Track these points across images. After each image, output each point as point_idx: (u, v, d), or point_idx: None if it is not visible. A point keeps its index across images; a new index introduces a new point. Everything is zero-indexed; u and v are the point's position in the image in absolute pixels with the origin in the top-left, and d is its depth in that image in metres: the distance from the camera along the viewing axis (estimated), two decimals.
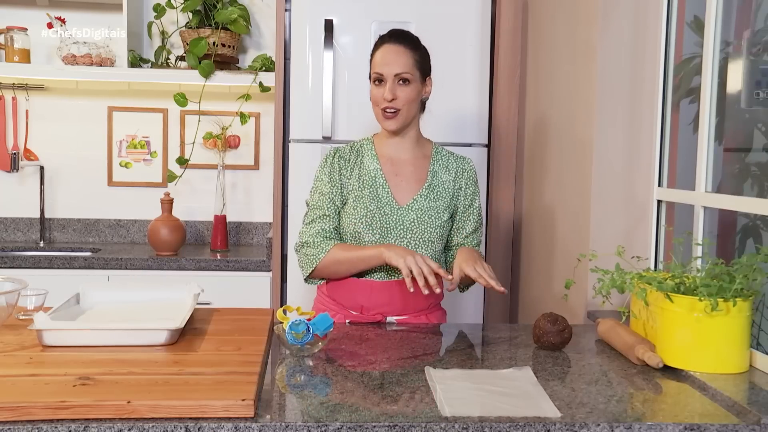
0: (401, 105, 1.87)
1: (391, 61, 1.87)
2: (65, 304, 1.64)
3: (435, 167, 1.98)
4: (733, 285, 1.42)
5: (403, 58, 1.87)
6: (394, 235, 1.90)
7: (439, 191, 1.96)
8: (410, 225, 1.91)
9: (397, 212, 1.91)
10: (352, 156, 1.98)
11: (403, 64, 1.86)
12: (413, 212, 1.91)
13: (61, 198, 3.38)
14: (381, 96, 1.87)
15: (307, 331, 1.50)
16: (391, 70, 1.86)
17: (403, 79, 1.87)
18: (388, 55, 1.88)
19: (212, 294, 2.66)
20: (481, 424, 1.17)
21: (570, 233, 2.29)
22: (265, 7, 3.35)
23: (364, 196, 1.92)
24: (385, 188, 1.93)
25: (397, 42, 1.89)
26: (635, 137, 2.06)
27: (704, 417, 1.24)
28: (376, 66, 1.89)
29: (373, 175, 1.94)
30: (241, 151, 3.42)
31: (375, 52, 1.92)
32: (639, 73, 2.05)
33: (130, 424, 1.12)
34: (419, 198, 1.93)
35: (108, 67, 3.14)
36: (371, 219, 1.90)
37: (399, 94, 1.87)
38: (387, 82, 1.86)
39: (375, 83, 1.90)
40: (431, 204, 1.93)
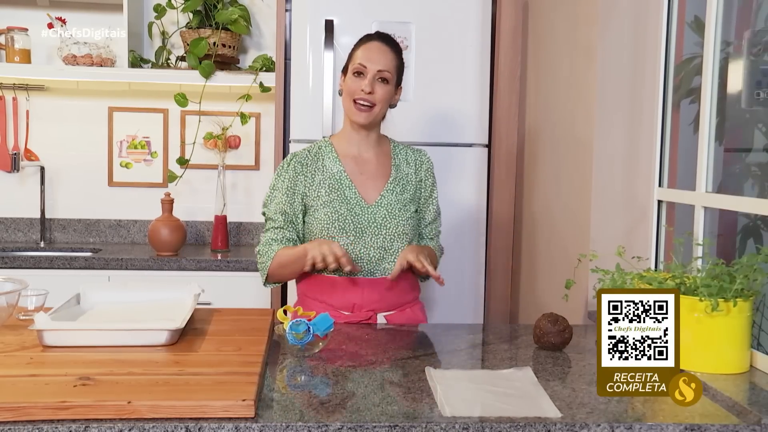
0: (377, 101, 1.92)
1: (375, 58, 1.91)
2: (66, 305, 1.64)
3: (397, 161, 2.03)
4: (734, 285, 1.42)
5: (387, 57, 1.93)
6: (368, 233, 1.92)
7: (403, 184, 2.00)
8: (382, 221, 1.93)
9: (367, 211, 1.93)
10: (311, 160, 1.99)
11: (386, 62, 1.92)
12: (383, 208, 1.94)
13: (61, 198, 3.38)
14: (358, 87, 1.91)
15: (307, 331, 1.50)
16: (374, 66, 1.91)
17: (383, 78, 1.91)
18: (373, 52, 1.92)
19: (212, 294, 2.66)
20: (481, 424, 1.17)
21: (570, 233, 2.29)
22: (265, 8, 3.35)
23: (332, 200, 1.93)
24: (352, 188, 1.95)
25: (383, 42, 1.95)
26: (635, 137, 2.06)
27: (705, 417, 1.24)
28: (358, 59, 1.93)
29: (338, 177, 1.96)
30: (241, 151, 3.42)
31: (358, 47, 1.96)
32: (639, 73, 2.05)
33: (130, 425, 1.12)
34: (386, 193, 1.96)
35: (108, 68, 3.14)
36: (343, 221, 1.91)
37: (377, 90, 1.91)
38: (367, 76, 1.90)
39: (354, 74, 1.92)
40: (398, 197, 1.97)
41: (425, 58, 2.79)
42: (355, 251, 1.92)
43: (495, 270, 2.93)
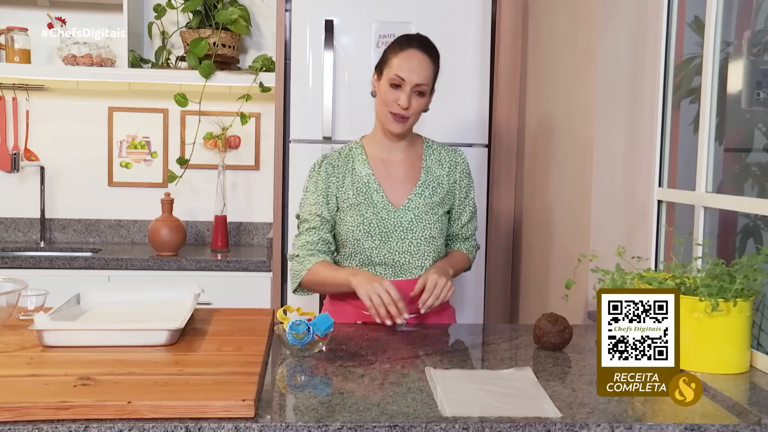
0: (411, 114, 1.87)
1: (415, 70, 1.83)
2: (66, 305, 1.64)
3: (428, 163, 1.98)
4: (734, 285, 1.42)
5: (426, 69, 1.85)
6: (394, 237, 1.90)
7: (433, 187, 1.95)
8: (409, 225, 1.91)
9: (394, 215, 1.91)
10: (342, 162, 1.96)
11: (425, 75, 1.84)
12: (410, 212, 1.91)
13: (61, 198, 3.38)
14: (395, 100, 1.84)
15: (307, 331, 1.50)
16: (413, 79, 1.83)
17: (420, 91, 1.85)
18: (413, 62, 1.83)
19: (212, 294, 2.66)
20: (481, 424, 1.17)
21: (570, 233, 2.29)
22: (265, 8, 3.35)
23: (359, 204, 1.91)
24: (380, 192, 1.92)
25: (424, 51, 1.86)
26: (635, 137, 2.06)
27: (705, 417, 1.24)
28: (397, 68, 1.84)
29: (366, 180, 1.93)
30: (241, 151, 3.42)
31: (397, 52, 1.86)
32: (639, 73, 2.05)
33: (130, 425, 1.12)
34: (414, 197, 1.93)
35: (108, 68, 3.14)
36: (369, 226, 1.89)
37: (413, 104, 1.85)
38: (405, 88, 1.83)
39: (391, 86, 1.85)
40: (426, 201, 1.93)
41: None
42: (381, 255, 1.90)
43: (495, 270, 2.93)
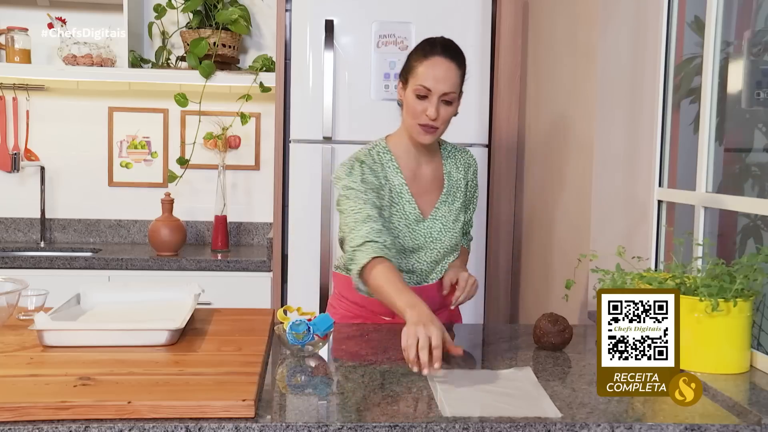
0: (441, 124, 1.78)
1: (441, 78, 1.73)
2: (66, 305, 1.64)
3: (448, 168, 1.93)
4: (734, 285, 1.42)
5: (452, 76, 1.75)
6: (423, 249, 1.86)
7: (454, 192, 1.92)
8: (437, 235, 1.87)
9: (423, 225, 1.86)
10: (377, 167, 1.84)
11: (452, 83, 1.75)
12: (438, 222, 1.87)
13: (61, 198, 3.38)
14: (422, 111, 1.75)
15: (307, 331, 1.50)
16: (440, 88, 1.73)
17: (448, 100, 1.76)
18: (438, 70, 1.74)
19: (213, 294, 2.66)
20: (481, 424, 1.17)
21: (570, 233, 2.29)
22: (265, 8, 3.35)
23: (391, 215, 1.83)
24: (412, 203, 1.85)
25: (450, 57, 1.76)
26: (635, 137, 2.06)
27: (705, 417, 1.24)
28: (422, 78, 1.74)
29: (399, 190, 1.85)
30: (241, 151, 3.42)
31: (422, 59, 1.76)
32: (639, 73, 2.05)
33: (130, 425, 1.12)
34: (440, 206, 1.89)
35: (108, 68, 3.14)
36: (402, 239, 1.83)
37: (441, 113, 1.76)
38: (432, 98, 1.74)
39: (417, 96, 1.75)
40: (450, 208, 1.90)
41: None
42: (408, 264, 1.86)
43: (495, 270, 2.93)
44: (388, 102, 2.77)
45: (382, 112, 2.77)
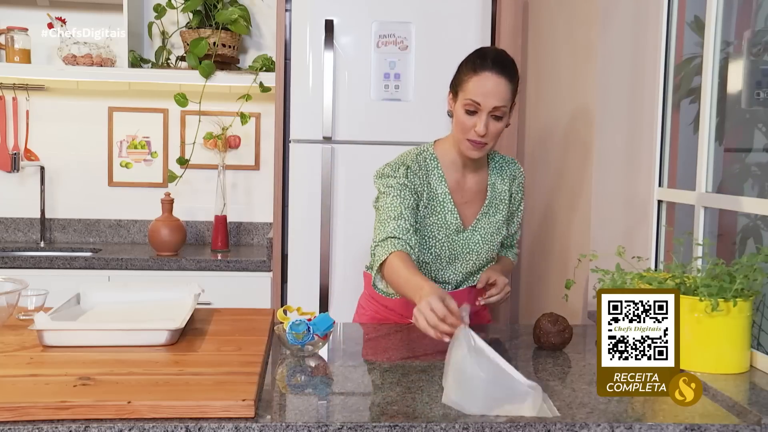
0: (490, 139, 1.74)
1: (491, 93, 1.69)
2: (66, 305, 1.64)
3: (492, 179, 1.88)
4: (734, 285, 1.42)
5: (502, 91, 1.71)
6: (461, 259, 1.85)
7: (497, 204, 1.87)
8: (475, 247, 1.85)
9: (462, 236, 1.84)
10: (421, 172, 1.82)
11: (502, 97, 1.70)
12: (477, 233, 1.85)
13: (61, 198, 3.38)
14: (471, 126, 1.72)
15: (307, 331, 1.50)
16: (490, 103, 1.69)
17: (497, 115, 1.72)
18: (488, 85, 1.69)
19: (212, 294, 2.66)
20: (481, 424, 1.17)
21: (570, 233, 2.29)
22: (265, 8, 3.35)
23: (432, 223, 1.81)
24: (454, 213, 1.82)
25: (500, 72, 1.71)
26: (635, 137, 2.06)
27: (705, 417, 1.24)
28: (471, 93, 1.70)
29: (441, 198, 1.82)
30: (241, 151, 3.42)
31: (472, 73, 1.72)
32: (639, 73, 2.05)
33: (130, 425, 1.12)
34: (481, 217, 1.85)
35: (108, 68, 3.14)
36: (440, 248, 1.82)
37: (490, 128, 1.72)
38: (482, 114, 1.70)
39: (466, 111, 1.72)
40: (491, 220, 1.86)
41: (425, 58, 2.79)
42: (445, 276, 1.86)
43: None
44: (388, 102, 2.77)
45: (382, 112, 2.77)
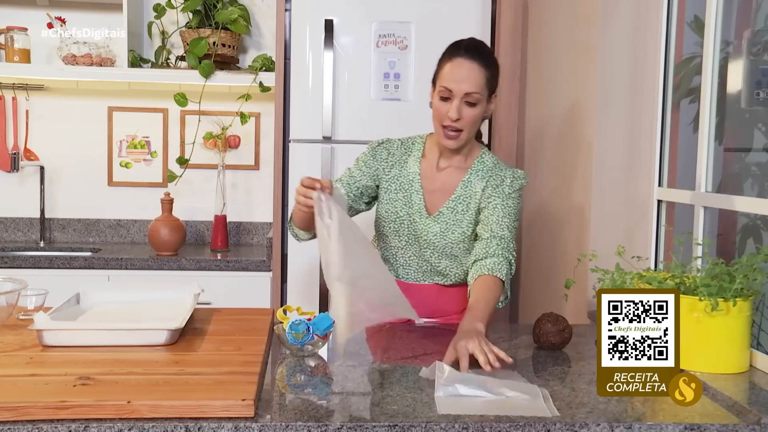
0: (464, 126, 1.76)
1: (462, 79, 1.73)
2: (65, 304, 1.64)
3: (470, 177, 1.86)
4: (734, 285, 1.42)
5: (475, 76, 1.73)
6: (420, 243, 1.87)
7: (468, 202, 1.85)
8: (433, 237, 1.86)
9: (425, 221, 1.86)
10: (399, 151, 1.90)
11: (474, 83, 1.73)
12: (438, 224, 1.86)
13: (61, 198, 3.38)
14: (445, 113, 1.75)
15: (307, 331, 1.50)
16: (462, 89, 1.72)
17: (470, 99, 1.74)
18: (459, 71, 1.73)
19: (212, 294, 2.66)
20: (481, 424, 1.17)
21: (570, 233, 2.29)
22: (265, 7, 3.35)
23: (397, 199, 1.87)
24: (419, 194, 1.86)
25: (471, 57, 1.74)
26: (635, 137, 2.06)
27: (704, 417, 1.24)
28: (444, 79, 1.75)
29: (411, 178, 1.87)
30: (241, 151, 3.42)
31: (446, 62, 1.77)
32: (639, 72, 2.05)
33: (130, 424, 1.12)
34: (445, 210, 1.86)
35: (108, 67, 3.14)
36: (399, 225, 1.87)
37: (464, 114, 1.74)
38: (454, 100, 1.74)
39: (441, 97, 1.76)
40: (456, 217, 1.85)
41: (425, 58, 2.78)
42: (405, 257, 1.90)
43: None
44: (388, 102, 2.77)
45: (382, 111, 2.77)
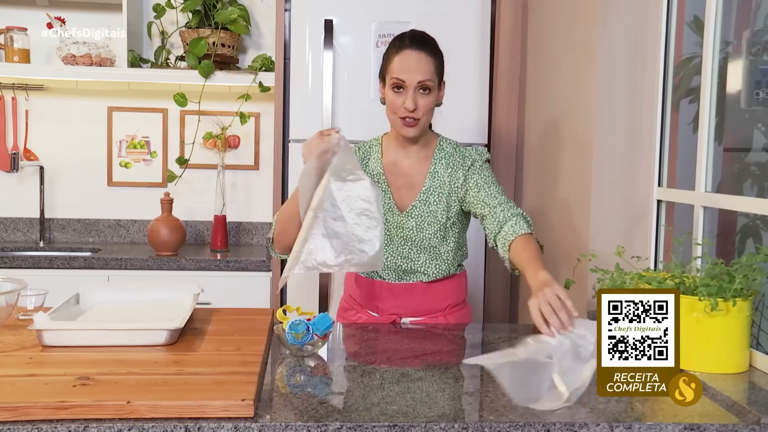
0: (421, 114, 1.80)
1: (413, 69, 1.77)
2: (65, 304, 1.64)
3: (435, 167, 1.89)
4: (733, 285, 1.42)
5: (425, 65, 1.78)
6: (396, 241, 1.90)
7: (439, 192, 1.88)
8: (409, 232, 1.88)
9: (397, 218, 1.89)
10: (359, 157, 1.93)
11: (424, 71, 1.78)
12: (412, 219, 1.88)
13: (61, 198, 3.38)
14: (401, 104, 1.79)
15: (306, 331, 1.50)
16: (414, 78, 1.77)
17: (424, 87, 1.78)
18: (409, 62, 1.78)
19: (212, 294, 2.66)
20: (481, 424, 1.17)
21: (570, 233, 2.29)
22: (265, 7, 3.35)
23: None
24: (387, 193, 1.90)
25: (419, 48, 1.79)
26: (635, 137, 2.06)
27: (704, 417, 1.24)
28: (395, 71, 1.79)
29: (376, 179, 1.90)
30: (241, 151, 3.42)
31: (393, 55, 1.81)
32: (639, 73, 2.05)
33: (129, 424, 1.12)
34: (417, 204, 1.88)
35: (108, 67, 3.14)
36: None
37: (419, 104, 1.79)
38: (408, 90, 1.78)
39: (394, 90, 1.80)
40: (430, 209, 1.88)
41: None
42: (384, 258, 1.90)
43: (495, 270, 2.93)
44: None
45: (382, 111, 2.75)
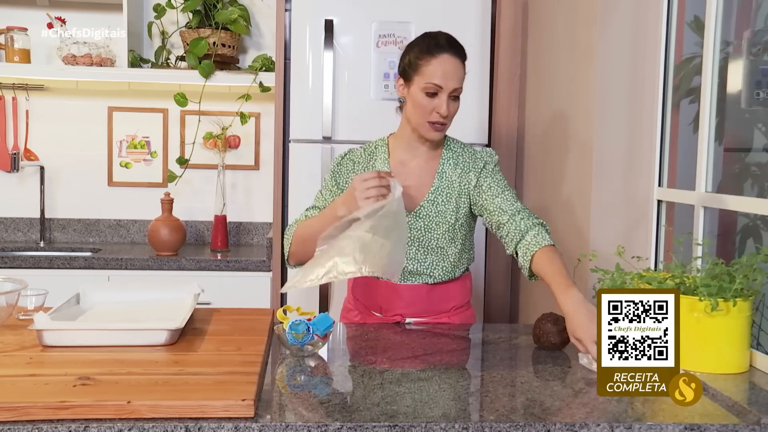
0: (449, 119, 1.81)
1: (451, 76, 1.76)
2: (65, 304, 1.64)
3: (444, 167, 1.87)
4: (733, 285, 1.42)
5: (460, 71, 1.79)
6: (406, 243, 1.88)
7: (447, 192, 1.86)
8: (418, 233, 1.86)
9: None
10: (364, 159, 1.91)
11: (459, 78, 1.78)
12: (420, 219, 1.86)
13: (61, 198, 3.38)
14: (433, 109, 1.77)
15: (307, 331, 1.50)
16: (450, 85, 1.76)
17: (456, 95, 1.79)
18: (448, 68, 1.76)
19: (212, 294, 2.66)
20: (481, 424, 1.17)
21: (570, 233, 2.28)
22: (265, 7, 3.35)
23: None
24: None
25: (456, 55, 1.78)
26: (635, 137, 2.06)
27: (704, 417, 1.24)
28: (433, 76, 1.75)
29: None
30: (241, 151, 3.42)
31: (429, 57, 1.77)
32: (639, 73, 2.05)
33: (130, 424, 1.12)
34: (426, 204, 1.86)
35: (108, 67, 3.14)
36: None
37: (451, 109, 1.79)
38: (442, 95, 1.76)
39: (427, 94, 1.76)
40: (438, 209, 1.86)
41: None
42: None
43: (495, 270, 2.93)
44: (387, 102, 2.77)
45: (382, 111, 2.77)
